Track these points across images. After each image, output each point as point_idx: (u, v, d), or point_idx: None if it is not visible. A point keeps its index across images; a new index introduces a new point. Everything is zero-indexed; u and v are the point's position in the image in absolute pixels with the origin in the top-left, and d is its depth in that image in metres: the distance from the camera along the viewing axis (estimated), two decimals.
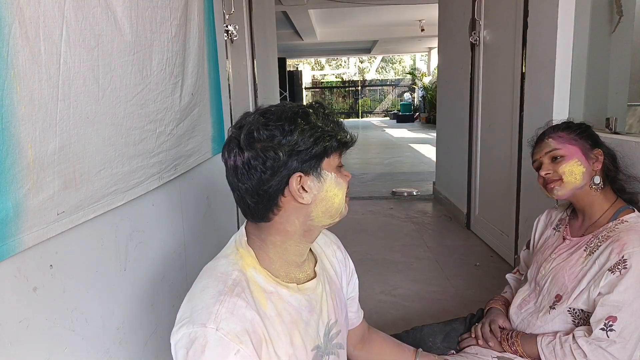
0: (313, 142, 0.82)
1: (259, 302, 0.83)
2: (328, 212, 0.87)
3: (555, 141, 1.25)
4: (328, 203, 0.86)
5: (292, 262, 0.91)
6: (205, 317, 0.76)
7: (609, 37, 2.02)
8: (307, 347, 0.88)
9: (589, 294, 1.15)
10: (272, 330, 0.83)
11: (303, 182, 0.83)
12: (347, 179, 0.91)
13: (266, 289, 0.86)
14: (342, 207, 0.90)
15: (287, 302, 0.87)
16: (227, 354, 0.74)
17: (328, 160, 0.85)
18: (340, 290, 1.05)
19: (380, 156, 8.10)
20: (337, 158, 0.87)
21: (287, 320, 0.86)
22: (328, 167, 0.85)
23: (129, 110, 1.19)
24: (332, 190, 0.86)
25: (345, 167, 0.92)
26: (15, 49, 0.77)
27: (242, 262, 0.86)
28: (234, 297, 0.79)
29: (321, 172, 0.85)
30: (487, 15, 3.04)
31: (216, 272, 0.85)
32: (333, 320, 0.97)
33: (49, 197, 0.90)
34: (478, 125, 3.26)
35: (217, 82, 2.08)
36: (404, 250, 3.10)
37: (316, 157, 0.83)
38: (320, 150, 0.83)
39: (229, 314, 0.77)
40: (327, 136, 0.83)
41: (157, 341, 1.43)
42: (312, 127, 0.83)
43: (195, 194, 1.86)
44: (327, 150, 0.84)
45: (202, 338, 0.75)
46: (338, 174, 0.88)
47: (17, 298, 0.85)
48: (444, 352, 1.37)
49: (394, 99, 21.28)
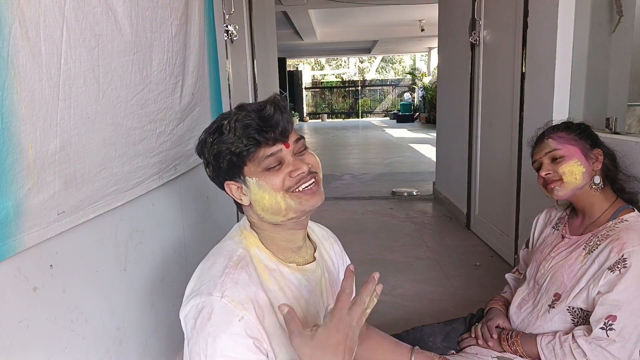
0: (214, 160, 0.89)
1: (262, 277, 0.88)
2: (268, 211, 0.90)
3: (555, 141, 1.25)
4: (260, 204, 0.90)
5: (286, 248, 0.95)
6: (212, 287, 0.82)
7: (609, 37, 2.02)
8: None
9: (588, 293, 1.15)
10: (276, 303, 0.86)
11: (239, 187, 0.91)
12: (284, 173, 0.88)
13: (269, 266, 0.91)
14: (281, 203, 0.88)
15: (288, 280, 0.92)
16: (232, 319, 0.79)
17: (247, 167, 0.88)
18: (337, 280, 1.08)
19: (380, 156, 8.10)
20: (262, 162, 0.87)
21: (289, 295, 0.91)
22: (249, 173, 0.88)
23: (129, 110, 1.19)
24: (257, 194, 0.89)
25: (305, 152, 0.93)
26: (15, 49, 0.77)
27: (246, 241, 0.93)
28: (238, 270, 0.85)
29: (245, 179, 0.89)
30: (487, 15, 3.05)
31: (222, 251, 0.91)
32: (332, 306, 0.99)
33: (50, 197, 0.90)
34: (478, 125, 3.26)
35: (217, 82, 2.08)
36: (404, 250, 3.10)
37: (232, 168, 0.88)
38: (227, 165, 0.88)
39: (233, 284, 0.82)
40: (224, 152, 0.87)
41: (157, 341, 1.43)
42: (215, 144, 0.88)
43: (195, 194, 1.86)
44: (234, 163, 0.87)
45: (209, 306, 0.80)
46: (263, 175, 0.87)
47: (17, 298, 0.85)
48: (444, 352, 1.37)
49: (394, 99, 21.27)
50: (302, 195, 0.89)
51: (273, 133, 0.86)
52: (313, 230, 1.11)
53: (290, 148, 0.89)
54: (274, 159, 0.87)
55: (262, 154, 0.87)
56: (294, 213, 0.89)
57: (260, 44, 3.52)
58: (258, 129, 0.85)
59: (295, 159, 0.90)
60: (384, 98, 21.85)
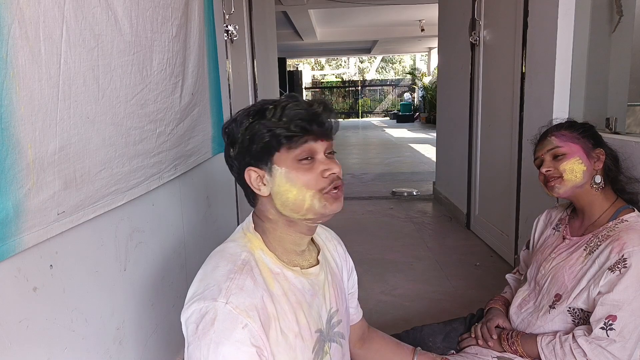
0: (249, 140, 0.86)
1: (267, 281, 0.86)
2: (287, 206, 0.87)
3: (558, 139, 1.25)
4: (282, 197, 0.87)
5: (292, 251, 0.94)
6: (216, 293, 0.80)
7: (609, 37, 2.02)
8: (311, 329, 0.91)
9: (588, 293, 1.15)
10: (280, 308, 0.85)
11: (261, 175, 0.87)
12: (317, 171, 0.86)
13: (273, 269, 0.89)
14: (306, 202, 0.85)
15: (292, 284, 0.90)
16: (235, 327, 0.77)
17: (279, 154, 0.86)
18: (341, 282, 1.07)
19: (380, 156, 8.10)
20: (294, 151, 0.85)
21: (292, 300, 0.89)
22: (279, 162, 0.86)
23: (129, 110, 1.19)
24: (284, 185, 0.86)
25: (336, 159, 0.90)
26: (15, 49, 0.77)
27: (250, 244, 0.90)
28: (243, 275, 0.83)
29: (272, 167, 0.86)
30: (487, 15, 3.04)
31: (225, 253, 0.89)
32: (335, 309, 0.99)
33: (49, 197, 0.90)
34: (478, 125, 3.26)
35: (217, 82, 2.08)
36: (404, 250, 3.10)
37: (264, 152, 0.86)
38: (261, 146, 0.86)
39: (238, 290, 0.80)
40: (265, 133, 0.85)
41: (157, 341, 1.43)
42: (255, 124, 0.86)
43: (195, 193, 1.86)
44: (270, 146, 0.85)
45: (212, 312, 0.78)
46: (295, 168, 0.85)
47: (17, 298, 0.85)
48: (444, 352, 1.37)
49: (394, 99, 21.28)
50: (328, 198, 0.86)
51: (320, 128, 0.86)
52: (317, 231, 1.09)
53: (324, 144, 0.88)
54: (308, 150, 0.85)
55: (300, 143, 0.85)
56: (313, 215, 0.87)
57: (260, 44, 3.51)
58: (308, 119, 0.84)
59: (327, 158, 0.88)
60: (384, 98, 21.85)
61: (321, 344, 0.93)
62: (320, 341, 0.93)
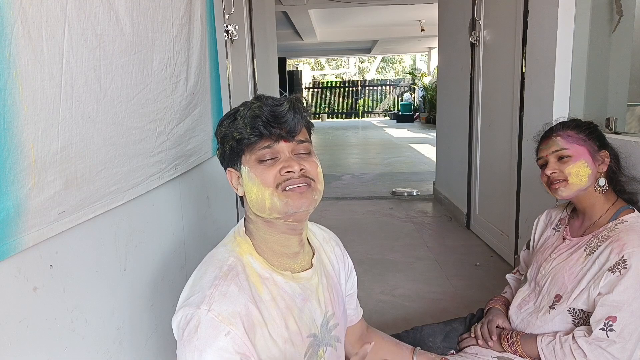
0: (222, 143, 0.91)
1: (254, 287, 0.87)
2: (254, 205, 0.89)
3: (564, 140, 1.23)
4: (248, 196, 0.90)
5: (281, 253, 0.93)
6: (200, 300, 0.81)
7: (609, 37, 2.02)
8: (302, 334, 0.90)
9: (588, 294, 1.15)
10: (267, 314, 0.85)
11: (237, 176, 0.92)
12: (276, 170, 0.85)
13: (262, 274, 0.89)
14: (266, 201, 0.85)
15: (281, 289, 0.90)
16: (218, 334, 0.78)
17: (244, 156, 0.89)
18: (337, 285, 1.06)
19: (380, 156, 8.10)
20: (256, 153, 0.87)
21: (281, 305, 0.88)
22: (246, 162, 0.89)
23: (130, 110, 1.19)
24: (247, 185, 0.89)
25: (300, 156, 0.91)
26: (17, 49, 0.77)
27: (239, 249, 0.91)
28: (227, 281, 0.84)
29: (240, 167, 0.90)
30: (487, 15, 3.05)
31: (214, 259, 0.90)
32: (330, 312, 0.99)
33: (50, 196, 0.90)
34: (478, 125, 3.26)
35: (217, 82, 2.08)
36: (404, 250, 3.10)
37: (233, 154, 0.90)
38: (229, 149, 0.90)
39: (221, 297, 0.81)
40: (231, 137, 0.88)
41: (157, 341, 1.43)
42: (226, 128, 0.90)
43: (195, 194, 1.86)
44: (237, 149, 0.89)
45: (196, 319, 0.79)
46: (254, 167, 0.87)
47: (17, 298, 0.85)
48: (444, 352, 1.38)
49: (394, 99, 21.27)
50: (290, 194, 0.85)
51: (279, 130, 0.85)
52: (313, 232, 1.08)
53: (289, 145, 0.87)
54: (269, 152, 0.86)
55: (260, 145, 0.86)
56: (277, 213, 0.86)
57: (260, 44, 3.51)
58: (265, 122, 0.85)
59: (292, 157, 0.87)
60: (384, 98, 21.85)
61: (315, 348, 0.93)
62: (314, 345, 0.92)
